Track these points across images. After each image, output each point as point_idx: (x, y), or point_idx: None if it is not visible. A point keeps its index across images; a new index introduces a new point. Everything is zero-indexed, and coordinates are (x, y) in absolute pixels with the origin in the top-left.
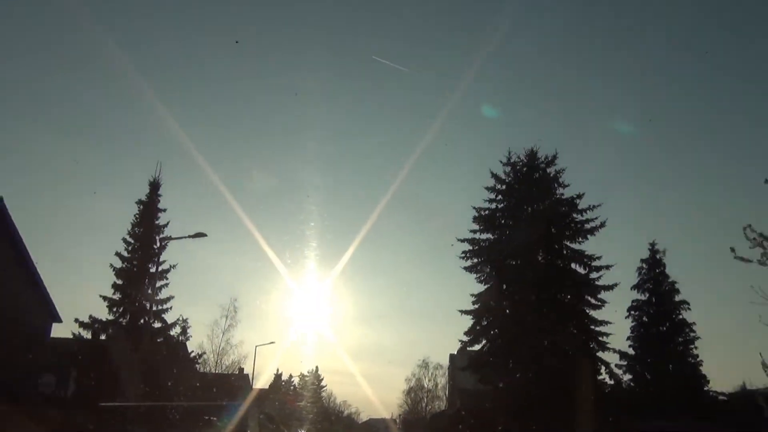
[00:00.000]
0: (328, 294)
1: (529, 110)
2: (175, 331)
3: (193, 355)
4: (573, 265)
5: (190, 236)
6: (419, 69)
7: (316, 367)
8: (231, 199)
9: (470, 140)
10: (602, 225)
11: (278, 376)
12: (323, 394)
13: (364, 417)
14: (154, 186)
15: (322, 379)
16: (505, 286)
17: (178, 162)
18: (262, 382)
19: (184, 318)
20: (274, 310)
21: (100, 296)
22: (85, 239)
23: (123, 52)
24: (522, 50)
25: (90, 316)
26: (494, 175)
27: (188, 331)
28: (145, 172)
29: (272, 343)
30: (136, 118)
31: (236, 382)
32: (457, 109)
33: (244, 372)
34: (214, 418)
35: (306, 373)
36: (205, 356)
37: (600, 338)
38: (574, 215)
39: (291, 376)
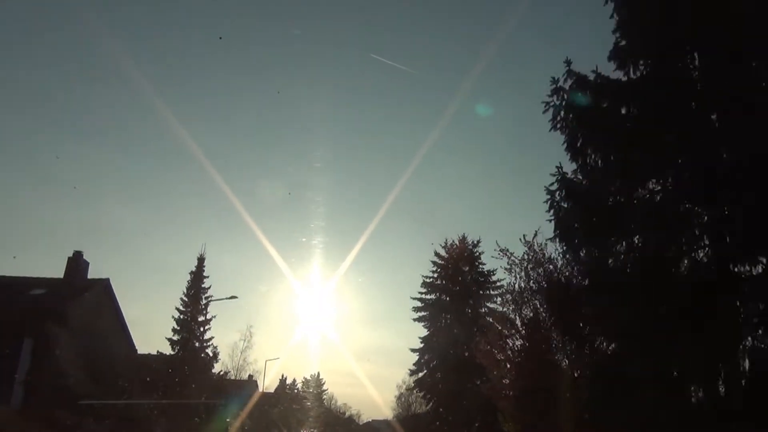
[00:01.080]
0: (331, 296)
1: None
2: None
3: (221, 373)
4: (488, 319)
5: (225, 298)
6: (420, 68)
7: (318, 372)
8: (236, 202)
9: (474, 139)
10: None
11: (283, 380)
12: (324, 396)
13: (365, 418)
14: (201, 260)
15: (324, 383)
16: (442, 333)
17: (184, 167)
18: (269, 386)
19: (215, 345)
20: (279, 312)
21: (166, 338)
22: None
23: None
24: (528, 48)
25: (158, 351)
26: (437, 254)
27: (218, 355)
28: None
29: (277, 358)
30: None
31: (244, 387)
32: (461, 108)
33: (253, 378)
34: (229, 420)
35: (308, 377)
36: (230, 374)
37: None
38: (489, 283)
39: (294, 381)
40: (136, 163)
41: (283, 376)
